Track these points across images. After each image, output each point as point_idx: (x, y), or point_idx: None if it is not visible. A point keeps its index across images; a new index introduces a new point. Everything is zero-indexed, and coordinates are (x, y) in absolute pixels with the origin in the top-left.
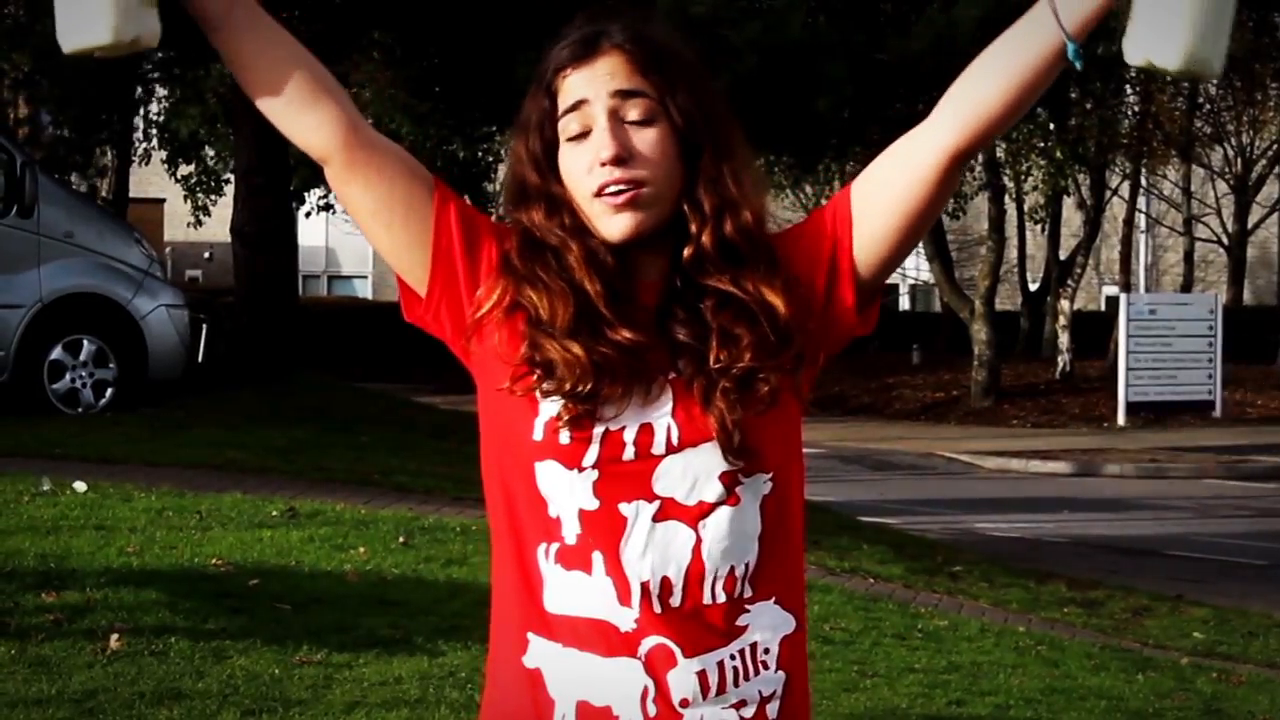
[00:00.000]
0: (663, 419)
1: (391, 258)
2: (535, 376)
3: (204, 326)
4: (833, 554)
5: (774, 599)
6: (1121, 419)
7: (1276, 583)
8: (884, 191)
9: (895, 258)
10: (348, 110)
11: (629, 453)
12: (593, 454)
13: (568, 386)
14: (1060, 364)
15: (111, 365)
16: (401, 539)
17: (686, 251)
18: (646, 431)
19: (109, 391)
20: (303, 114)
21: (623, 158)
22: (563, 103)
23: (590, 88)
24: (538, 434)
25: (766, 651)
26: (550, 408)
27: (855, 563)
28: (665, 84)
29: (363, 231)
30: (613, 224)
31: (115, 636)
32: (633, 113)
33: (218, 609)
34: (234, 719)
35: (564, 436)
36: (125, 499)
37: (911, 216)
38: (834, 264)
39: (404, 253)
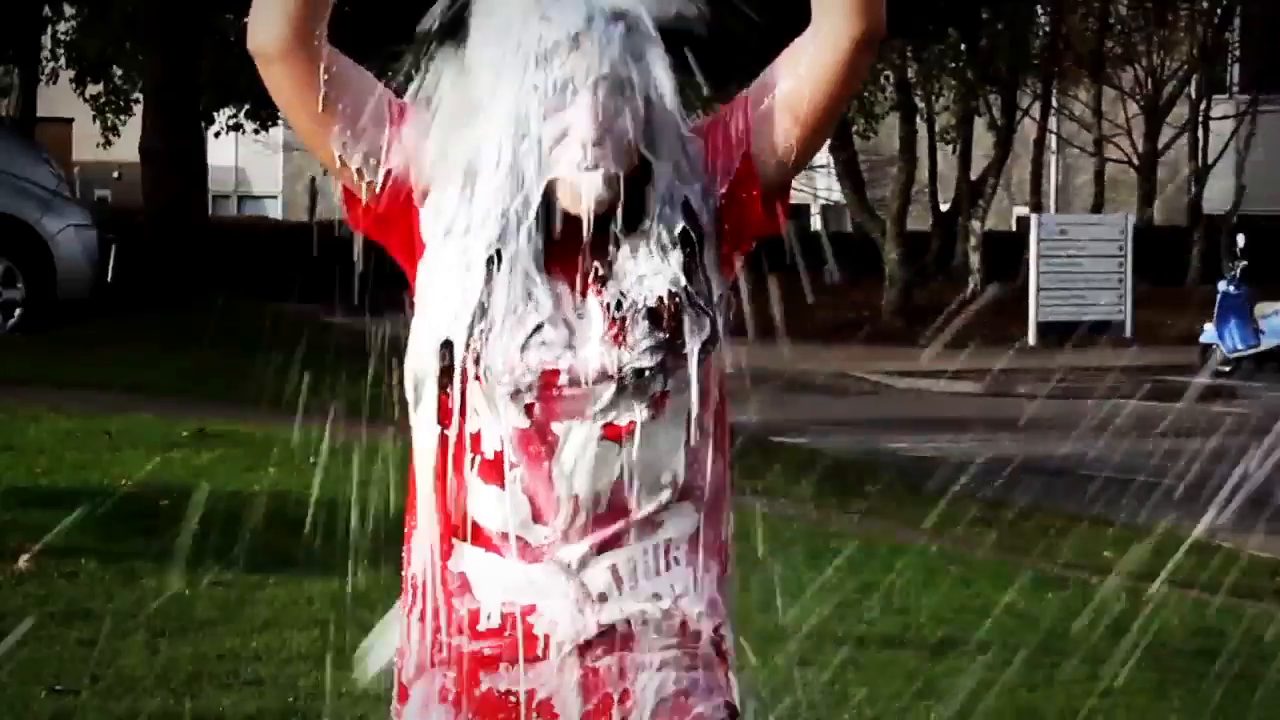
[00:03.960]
0: (593, 343)
1: (340, 167)
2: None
3: (112, 246)
4: (743, 475)
5: (689, 501)
6: (1032, 339)
7: (1186, 502)
8: (791, 99)
9: (803, 159)
10: (315, 33)
11: (563, 379)
12: (527, 381)
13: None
14: (971, 284)
15: (19, 285)
16: (311, 460)
17: (631, 235)
18: (579, 365)
19: (17, 312)
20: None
21: (601, 136)
22: (551, 77)
23: (581, 65)
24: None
25: (679, 548)
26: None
27: (766, 483)
28: (642, 60)
29: (308, 137)
30: (584, 204)
31: (24, 557)
32: (613, 98)
33: (128, 530)
34: (145, 640)
35: (500, 372)
36: (34, 419)
37: (819, 117)
38: (741, 172)
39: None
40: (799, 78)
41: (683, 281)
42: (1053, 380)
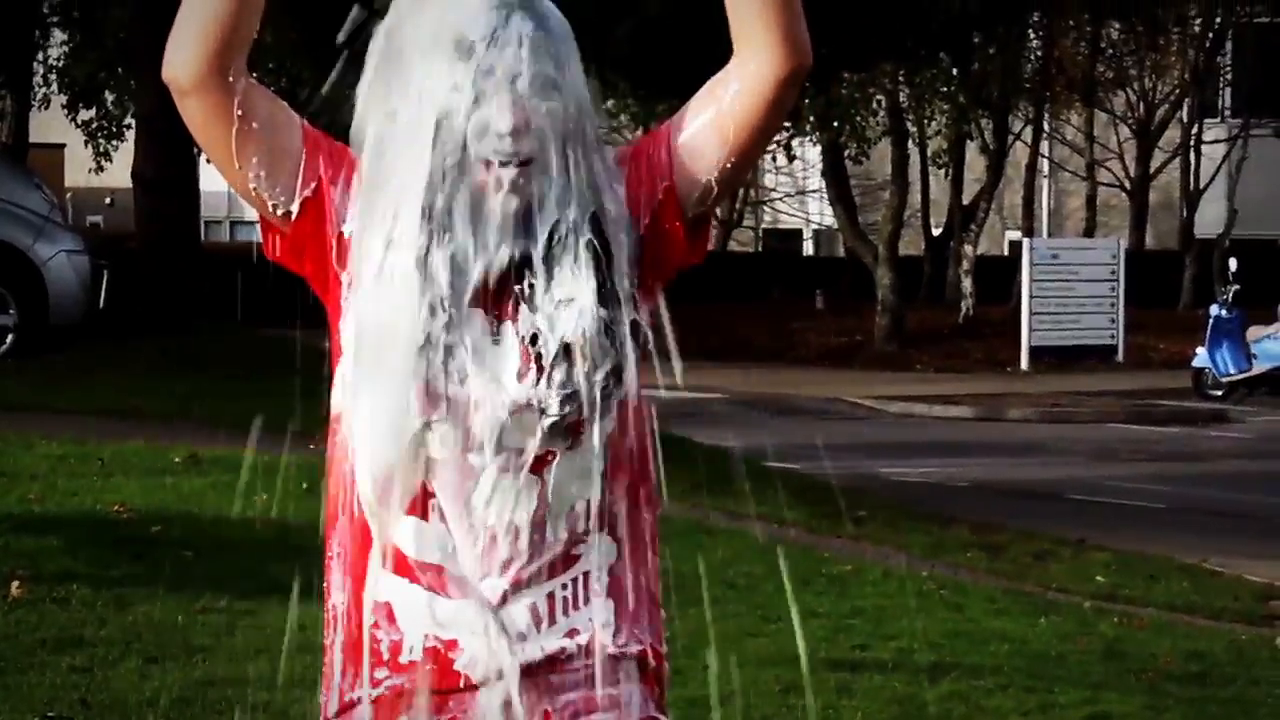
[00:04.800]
0: (510, 374)
1: (256, 199)
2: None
3: (105, 272)
4: (737, 499)
5: (606, 530)
6: (1025, 364)
7: (1178, 526)
8: (714, 133)
9: (725, 192)
10: (232, 66)
11: (478, 408)
12: (441, 411)
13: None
14: (964, 309)
15: (12, 311)
16: (305, 485)
17: (546, 254)
18: (494, 386)
19: (9, 338)
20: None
21: (519, 130)
22: (470, 72)
23: (501, 59)
24: None
25: (599, 580)
26: None
27: (759, 508)
28: (561, 65)
29: (223, 169)
30: (499, 201)
31: (16, 584)
32: (532, 89)
33: (120, 556)
34: (136, 666)
35: (415, 402)
36: (26, 446)
37: (743, 151)
38: (663, 202)
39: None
40: (722, 112)
41: (598, 311)
42: (1045, 404)
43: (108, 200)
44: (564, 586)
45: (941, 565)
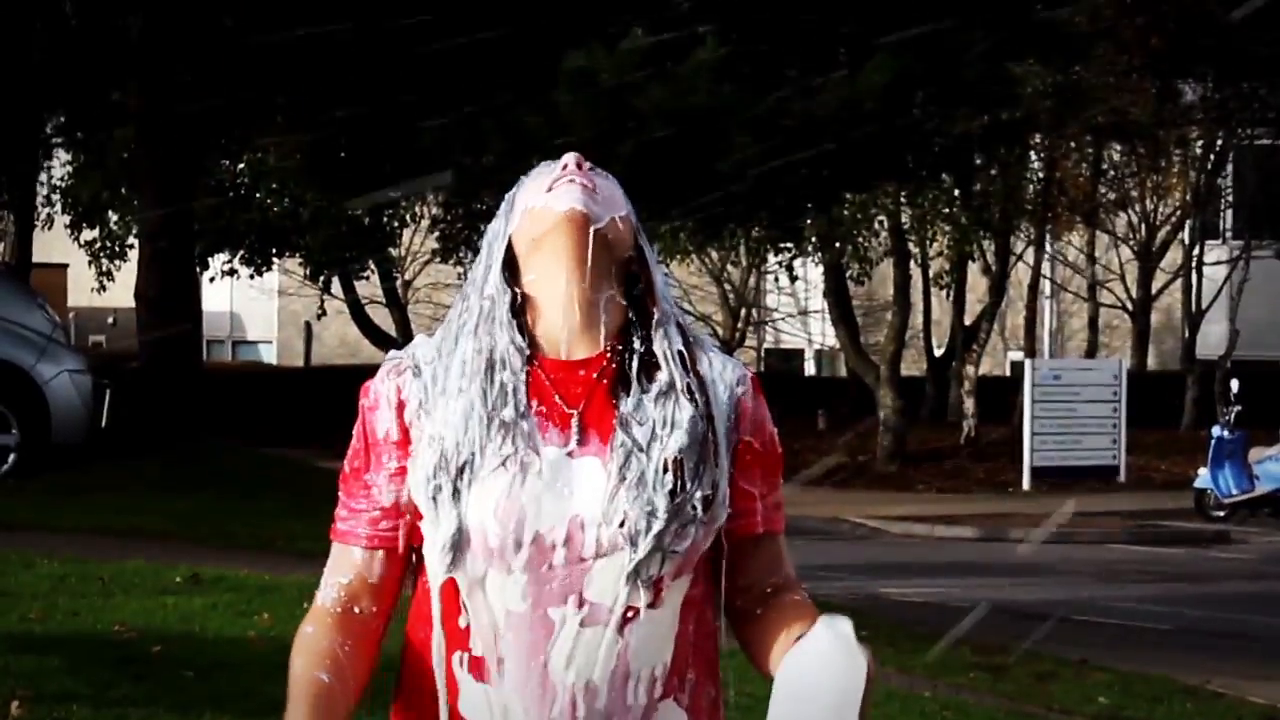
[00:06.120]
0: (594, 523)
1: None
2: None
3: (107, 392)
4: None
5: (673, 697)
6: (1026, 484)
7: (1180, 647)
8: (738, 565)
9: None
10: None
11: (559, 556)
12: (522, 557)
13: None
14: (965, 429)
15: (14, 431)
16: (306, 605)
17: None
18: (577, 534)
19: (11, 457)
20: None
21: (581, 163)
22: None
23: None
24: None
25: None
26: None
27: None
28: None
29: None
30: (563, 196)
31: (16, 704)
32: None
33: (120, 676)
34: None
35: (492, 539)
36: (27, 565)
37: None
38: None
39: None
40: (739, 574)
41: (697, 423)
42: (1047, 525)
43: (110, 320)
44: None
45: (944, 686)
